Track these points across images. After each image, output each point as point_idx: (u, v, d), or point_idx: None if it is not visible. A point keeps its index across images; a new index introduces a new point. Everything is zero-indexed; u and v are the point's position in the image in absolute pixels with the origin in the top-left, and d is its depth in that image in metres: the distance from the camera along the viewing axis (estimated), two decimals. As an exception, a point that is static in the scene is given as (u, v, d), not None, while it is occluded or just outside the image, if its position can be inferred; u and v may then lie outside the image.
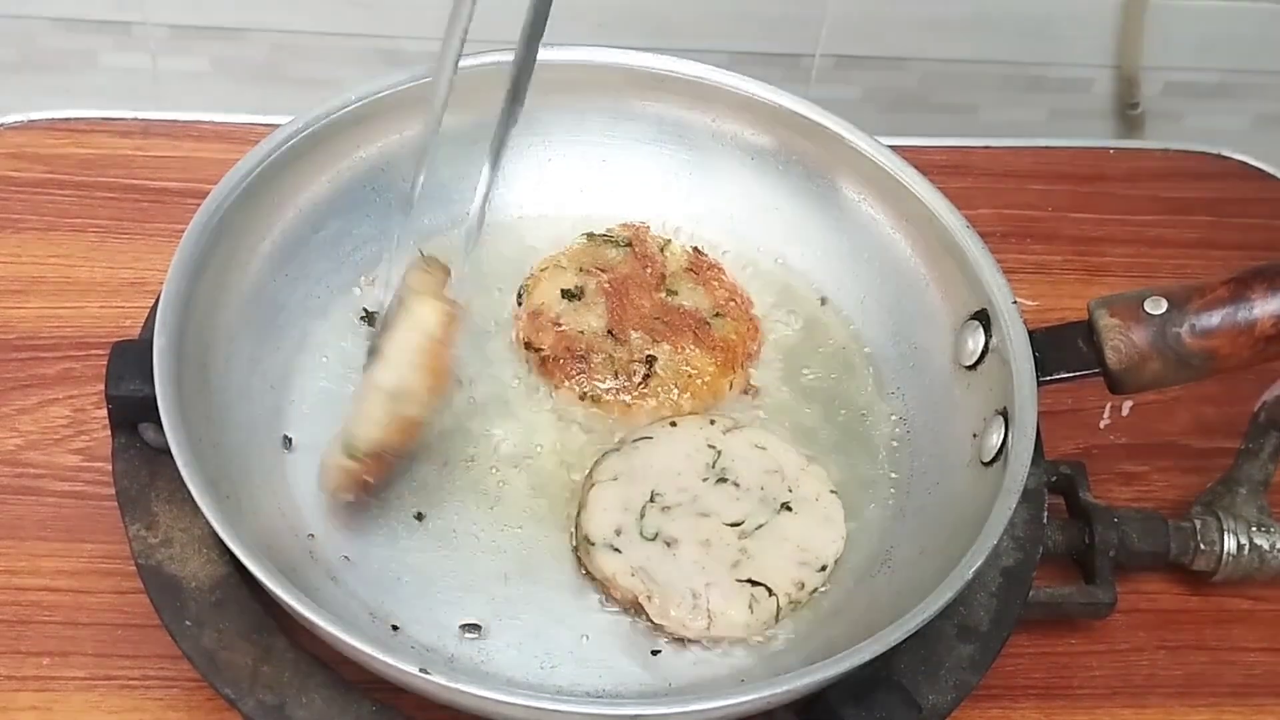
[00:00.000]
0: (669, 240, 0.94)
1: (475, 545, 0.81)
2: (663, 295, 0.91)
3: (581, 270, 0.91)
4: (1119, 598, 0.86)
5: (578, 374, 0.87)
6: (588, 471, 0.84)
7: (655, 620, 0.78)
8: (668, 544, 0.80)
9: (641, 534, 0.80)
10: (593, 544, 0.79)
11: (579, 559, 0.80)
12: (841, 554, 0.82)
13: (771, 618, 0.79)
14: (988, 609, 0.80)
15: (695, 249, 0.94)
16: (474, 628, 0.78)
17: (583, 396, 0.86)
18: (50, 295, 0.96)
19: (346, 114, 0.88)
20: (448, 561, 0.80)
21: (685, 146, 0.96)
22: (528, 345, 0.88)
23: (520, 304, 0.91)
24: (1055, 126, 1.39)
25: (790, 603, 0.79)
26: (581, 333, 0.88)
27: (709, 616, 0.77)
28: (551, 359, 0.87)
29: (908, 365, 0.90)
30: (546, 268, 0.91)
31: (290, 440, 0.83)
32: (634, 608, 0.78)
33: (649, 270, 0.92)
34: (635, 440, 0.84)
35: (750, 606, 0.78)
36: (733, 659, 0.78)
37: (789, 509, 0.82)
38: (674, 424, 0.85)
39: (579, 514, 0.81)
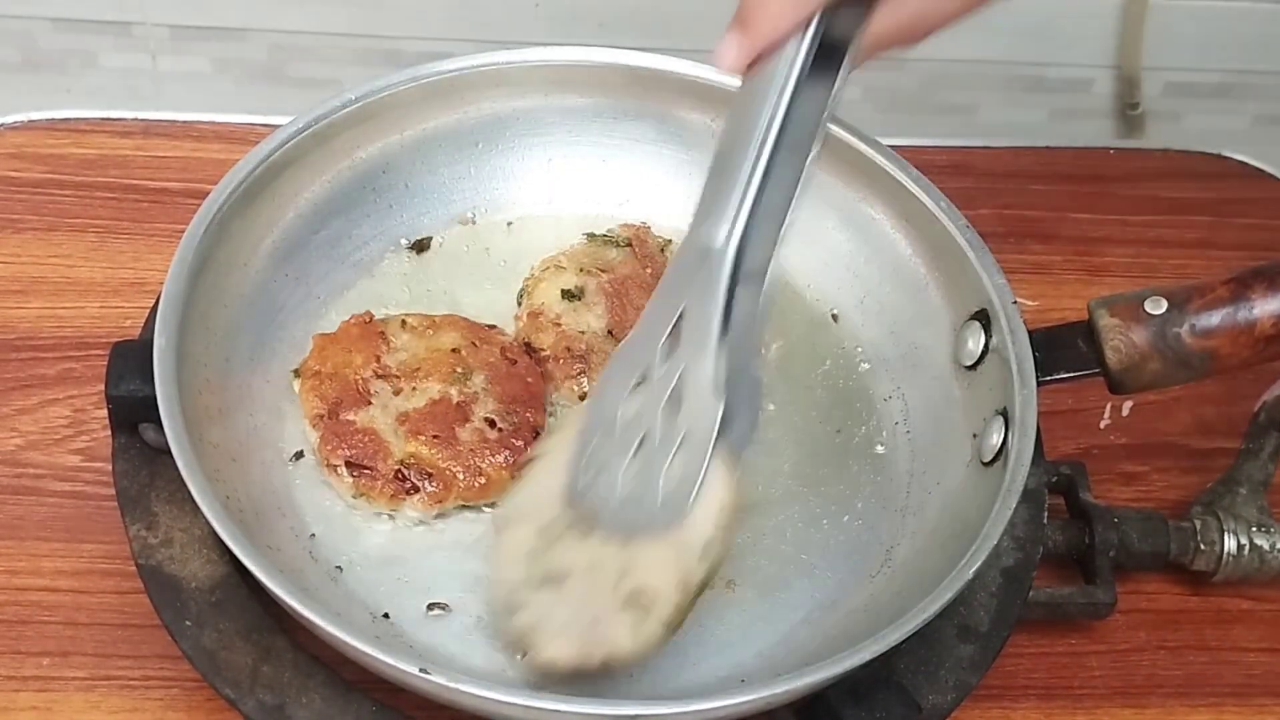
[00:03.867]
0: (669, 241, 0.94)
1: (476, 545, 0.81)
2: None
3: (581, 270, 0.91)
4: (1119, 598, 0.86)
5: (578, 374, 0.87)
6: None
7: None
8: (557, 582, 0.74)
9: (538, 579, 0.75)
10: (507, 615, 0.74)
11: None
12: (731, 502, 0.74)
13: (661, 630, 0.73)
14: (988, 609, 0.80)
15: None
16: (475, 628, 0.78)
17: (582, 397, 0.86)
18: (50, 295, 0.96)
19: (346, 114, 0.88)
20: (449, 562, 0.80)
21: (685, 146, 0.96)
22: (527, 345, 0.88)
23: (520, 304, 0.91)
24: (1055, 127, 1.39)
25: (677, 608, 0.73)
26: (582, 333, 0.88)
27: (605, 650, 0.72)
28: (551, 359, 0.87)
29: (908, 365, 0.90)
30: (547, 268, 0.91)
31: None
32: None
33: (649, 271, 0.92)
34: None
35: (632, 630, 0.72)
36: (733, 659, 0.78)
37: None
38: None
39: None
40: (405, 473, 0.80)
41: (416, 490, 0.80)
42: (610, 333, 0.88)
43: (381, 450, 0.81)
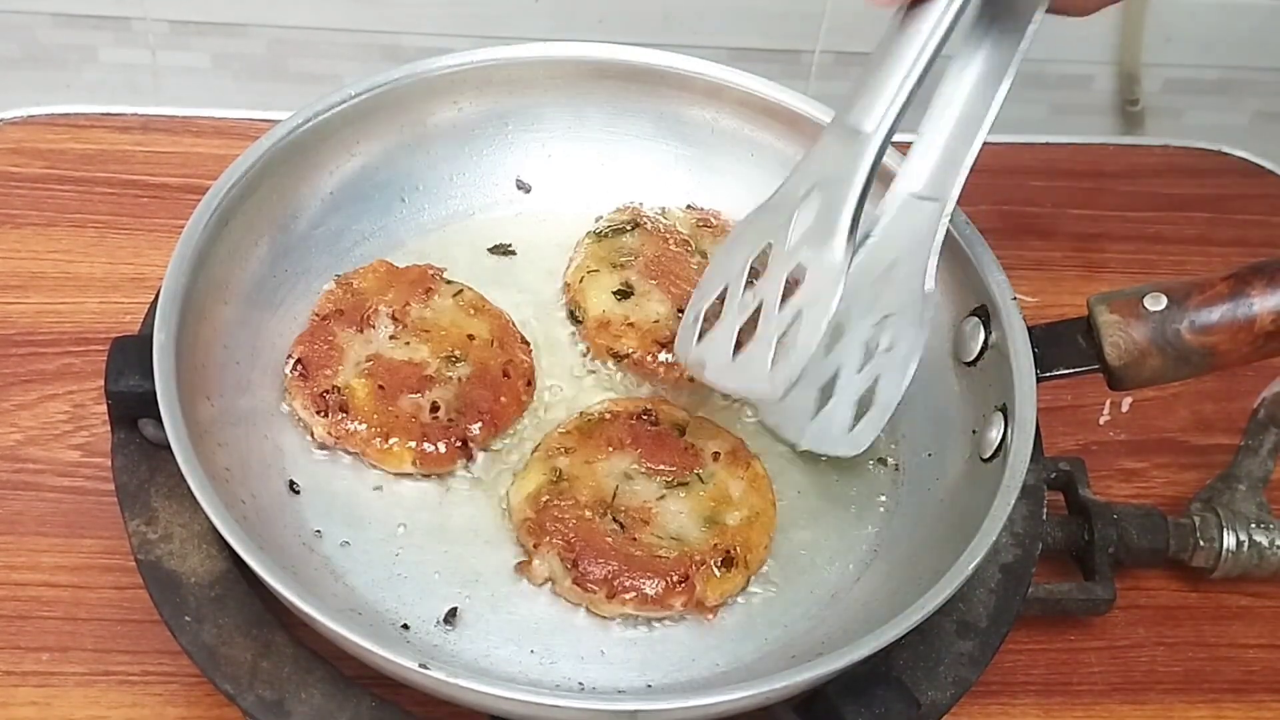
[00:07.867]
0: (665, 208, 0.94)
1: (476, 540, 0.81)
2: (696, 259, 0.91)
3: (614, 266, 0.90)
4: (1118, 594, 0.86)
5: (672, 362, 0.86)
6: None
7: None
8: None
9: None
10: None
11: None
12: None
13: None
14: (987, 605, 0.80)
15: (689, 206, 0.94)
16: (474, 623, 0.78)
17: (690, 380, 0.85)
18: (50, 290, 0.96)
19: (346, 110, 0.88)
20: (449, 557, 0.80)
21: (685, 143, 0.96)
22: (614, 356, 0.87)
23: (578, 323, 0.89)
24: (1055, 123, 1.39)
25: None
26: (656, 322, 0.88)
27: None
28: (640, 358, 0.86)
29: (907, 361, 0.90)
30: (580, 277, 0.90)
31: (290, 436, 0.83)
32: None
33: (669, 241, 0.91)
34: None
35: None
36: (732, 655, 0.78)
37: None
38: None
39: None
40: (328, 396, 0.81)
41: (326, 416, 0.81)
42: (679, 310, 0.87)
43: (333, 366, 0.82)
